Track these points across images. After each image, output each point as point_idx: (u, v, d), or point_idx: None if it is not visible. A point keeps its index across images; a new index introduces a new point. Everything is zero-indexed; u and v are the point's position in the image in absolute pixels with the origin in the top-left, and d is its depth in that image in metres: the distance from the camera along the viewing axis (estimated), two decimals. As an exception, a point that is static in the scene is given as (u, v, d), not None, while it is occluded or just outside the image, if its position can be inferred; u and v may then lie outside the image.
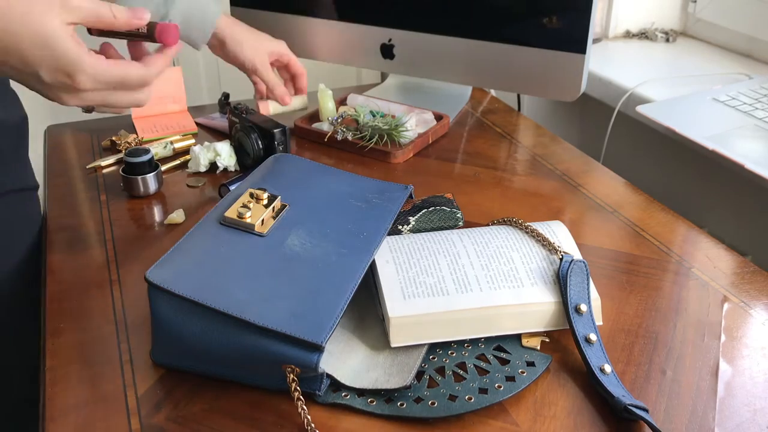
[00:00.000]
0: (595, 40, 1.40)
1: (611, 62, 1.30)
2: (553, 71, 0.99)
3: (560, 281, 0.65)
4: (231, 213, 0.67)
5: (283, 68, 1.06)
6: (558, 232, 0.73)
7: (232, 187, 0.87)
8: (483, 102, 1.22)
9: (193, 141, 1.04)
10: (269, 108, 1.08)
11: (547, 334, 0.66)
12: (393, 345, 0.62)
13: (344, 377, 0.60)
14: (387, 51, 1.12)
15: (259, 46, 1.02)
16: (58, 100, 0.59)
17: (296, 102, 1.12)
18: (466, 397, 0.58)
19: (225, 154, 0.96)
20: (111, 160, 1.00)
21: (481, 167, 0.98)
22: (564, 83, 0.98)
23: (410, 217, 0.77)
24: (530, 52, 1.00)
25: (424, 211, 0.78)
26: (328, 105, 1.08)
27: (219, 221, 0.68)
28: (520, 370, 0.61)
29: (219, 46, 1.04)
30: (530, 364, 0.62)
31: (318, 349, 0.56)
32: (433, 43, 1.07)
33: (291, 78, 1.08)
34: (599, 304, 0.66)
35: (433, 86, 1.20)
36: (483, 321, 0.64)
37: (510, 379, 0.60)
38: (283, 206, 0.71)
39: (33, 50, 0.55)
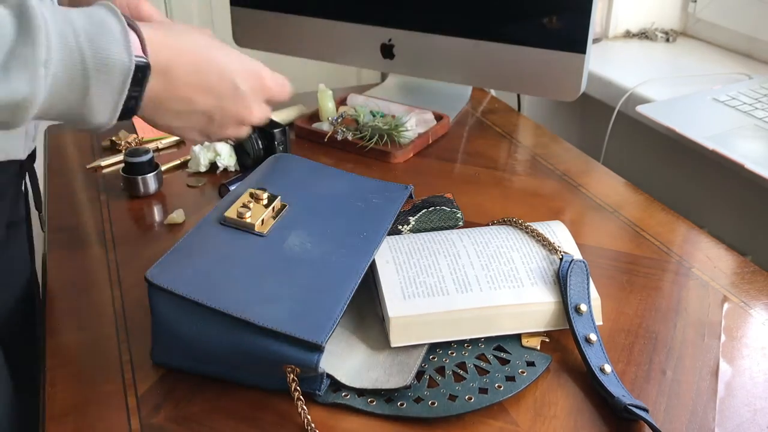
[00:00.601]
0: (595, 40, 1.40)
1: (611, 62, 1.29)
2: (553, 71, 0.98)
3: (560, 281, 0.65)
4: (231, 213, 0.67)
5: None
6: (558, 232, 0.72)
7: (232, 187, 0.87)
8: (483, 102, 1.22)
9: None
10: None
11: (547, 334, 0.66)
12: (393, 345, 0.62)
13: (344, 377, 0.60)
14: (387, 51, 1.12)
15: None
16: (234, 120, 0.61)
17: (292, 111, 1.13)
18: (466, 397, 0.58)
19: (225, 154, 0.96)
20: (111, 160, 1.00)
21: (481, 167, 0.98)
22: (564, 83, 0.98)
23: (410, 217, 0.77)
24: (530, 52, 1.00)
25: (424, 211, 0.78)
26: (328, 105, 1.08)
27: (219, 221, 0.68)
28: (520, 370, 0.61)
29: None
30: (530, 364, 0.62)
31: (318, 349, 0.56)
32: (433, 43, 1.07)
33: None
34: (599, 304, 0.66)
35: (433, 86, 1.20)
36: (483, 321, 0.64)
37: (510, 379, 0.60)
38: (283, 206, 0.71)
39: (226, 57, 0.58)
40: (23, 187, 0.82)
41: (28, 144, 0.74)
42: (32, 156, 0.79)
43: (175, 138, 1.07)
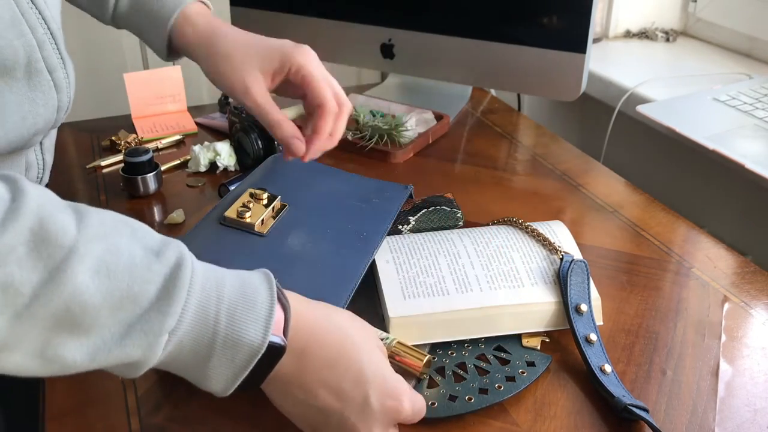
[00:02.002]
0: (595, 40, 1.40)
1: (611, 62, 1.29)
2: (553, 71, 0.98)
3: (560, 281, 0.65)
4: (231, 213, 0.67)
5: (296, 86, 0.68)
6: (558, 232, 0.72)
7: (231, 187, 0.87)
8: (483, 102, 1.22)
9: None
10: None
11: (547, 334, 0.66)
12: (393, 345, 0.62)
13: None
14: (387, 51, 1.12)
15: (248, 56, 0.65)
16: None
17: (292, 111, 1.13)
18: (466, 397, 0.58)
19: (225, 154, 0.96)
20: (111, 160, 1.00)
21: (481, 167, 0.98)
22: (564, 83, 0.98)
23: (410, 217, 0.77)
24: (530, 51, 1.00)
25: (424, 210, 0.78)
26: (328, 105, 1.08)
27: (219, 221, 0.68)
28: (520, 370, 0.61)
29: (197, 56, 0.70)
30: (530, 364, 0.62)
31: (318, 349, 0.56)
32: (433, 43, 1.07)
33: (310, 109, 0.68)
34: (599, 304, 0.66)
35: (433, 86, 1.20)
36: (483, 321, 0.64)
37: (510, 379, 0.60)
38: (283, 206, 0.71)
39: (369, 366, 0.51)
40: None
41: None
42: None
43: (175, 138, 1.07)
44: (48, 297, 0.39)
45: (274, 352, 0.47)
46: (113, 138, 1.05)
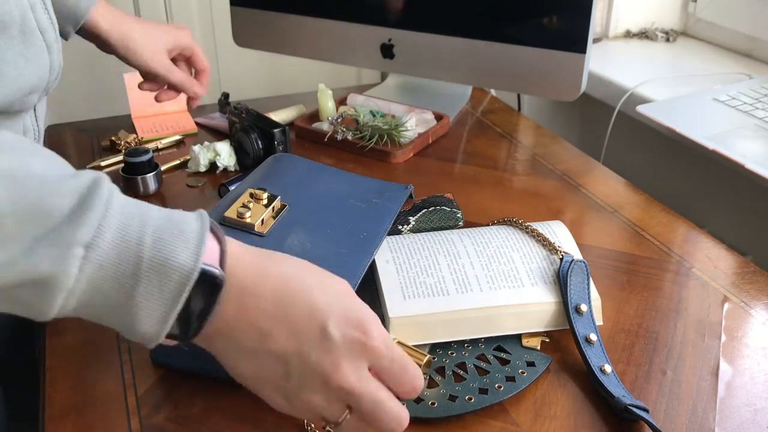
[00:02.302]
0: (595, 40, 1.40)
1: (611, 62, 1.29)
2: (553, 71, 0.98)
3: (560, 281, 0.65)
4: (231, 213, 0.67)
5: (184, 62, 0.94)
6: (558, 232, 0.72)
7: (232, 187, 0.87)
8: (483, 102, 1.22)
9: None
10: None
11: (547, 334, 0.66)
12: (393, 345, 0.62)
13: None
14: (387, 51, 1.12)
15: (154, 44, 0.87)
16: (317, 379, 0.45)
17: (292, 111, 1.13)
18: (466, 397, 0.58)
19: (225, 154, 0.96)
20: (111, 160, 1.00)
21: (481, 167, 0.98)
22: (564, 83, 0.98)
23: (410, 217, 0.77)
24: (530, 52, 1.00)
25: (424, 211, 0.78)
26: (328, 105, 1.08)
27: (219, 221, 0.68)
28: (520, 370, 0.61)
29: (104, 44, 0.87)
30: (530, 364, 0.62)
31: (318, 349, 0.55)
32: (433, 43, 1.07)
33: (194, 74, 0.95)
34: (599, 304, 0.66)
35: (433, 86, 1.20)
36: (483, 321, 0.64)
37: (510, 379, 0.60)
38: (283, 206, 0.71)
39: (323, 297, 0.46)
40: None
41: None
42: None
43: (175, 138, 1.07)
44: None
45: (209, 282, 0.43)
46: (113, 138, 1.05)
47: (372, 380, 0.46)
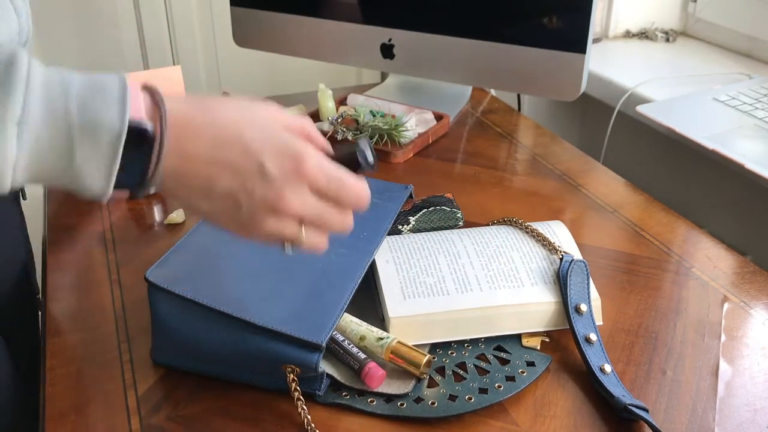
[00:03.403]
0: (595, 40, 1.40)
1: (611, 62, 1.29)
2: (553, 71, 0.98)
3: (560, 281, 0.65)
4: (231, 213, 0.67)
5: None
6: (558, 232, 0.73)
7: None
8: (483, 102, 1.22)
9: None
10: None
11: (547, 334, 0.66)
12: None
13: (344, 377, 0.60)
14: (387, 51, 1.12)
15: None
16: (264, 207, 0.50)
17: (292, 111, 1.13)
18: (466, 397, 0.58)
19: (225, 154, 0.96)
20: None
21: (481, 167, 0.98)
22: (564, 83, 0.98)
23: (410, 217, 0.77)
24: (530, 52, 1.00)
25: (424, 210, 0.78)
26: (328, 105, 1.08)
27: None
28: (520, 370, 0.61)
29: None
30: (530, 364, 0.62)
31: (318, 348, 0.56)
32: (433, 43, 1.07)
33: None
34: (599, 304, 0.66)
35: (433, 86, 1.20)
36: (483, 321, 0.64)
37: (510, 379, 0.60)
38: (283, 206, 0.71)
39: (254, 134, 0.49)
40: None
41: None
42: None
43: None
44: None
45: (140, 135, 0.46)
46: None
47: (313, 199, 0.51)
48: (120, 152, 0.45)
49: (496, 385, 0.59)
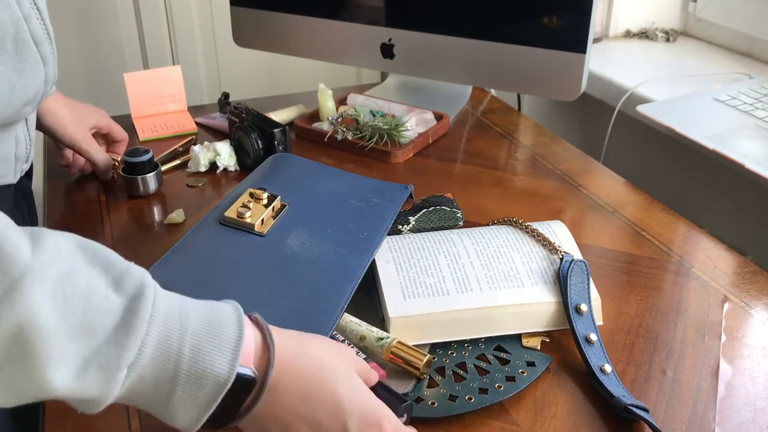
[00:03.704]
0: (596, 40, 1.40)
1: (611, 62, 1.29)
2: (554, 71, 0.98)
3: (560, 281, 0.65)
4: (231, 213, 0.67)
5: (101, 137, 0.97)
6: (558, 232, 0.72)
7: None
8: (483, 102, 1.22)
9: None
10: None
11: (547, 334, 0.66)
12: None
13: (344, 377, 0.60)
14: (387, 51, 1.12)
15: (81, 123, 0.91)
16: None
17: (292, 111, 1.13)
18: (466, 397, 0.58)
19: (225, 154, 0.96)
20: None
21: (481, 167, 0.98)
22: (564, 83, 0.98)
23: (410, 217, 0.77)
24: (530, 51, 1.00)
25: (424, 210, 0.78)
26: (328, 105, 1.08)
27: (219, 221, 0.68)
28: (520, 370, 0.61)
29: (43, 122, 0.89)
30: (530, 364, 0.62)
31: (318, 349, 0.56)
32: (433, 42, 1.07)
33: (109, 144, 0.99)
34: (599, 304, 0.66)
35: (433, 86, 1.20)
36: (483, 321, 0.64)
37: (510, 379, 0.60)
38: (283, 206, 0.71)
39: (346, 393, 0.49)
40: (24, 209, 0.81)
41: (20, 167, 0.71)
42: (28, 174, 0.79)
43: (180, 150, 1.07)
44: (1, 317, 0.37)
45: (243, 385, 0.45)
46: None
47: None
48: (219, 400, 0.44)
49: (496, 385, 0.59)
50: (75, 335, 0.40)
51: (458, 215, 0.79)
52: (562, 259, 0.67)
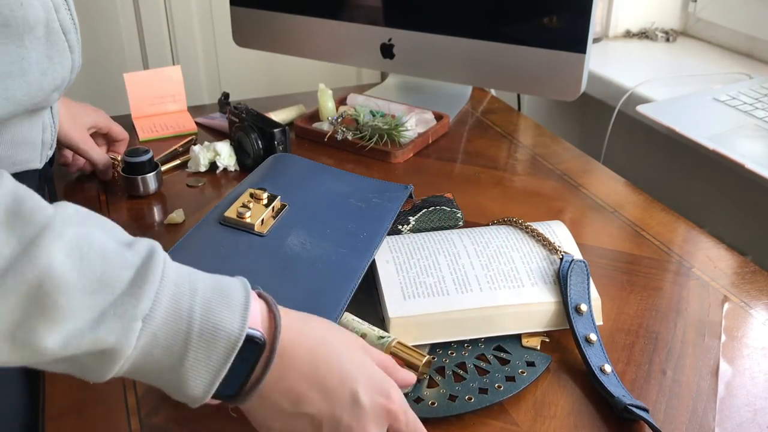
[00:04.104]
0: (596, 40, 1.40)
1: (611, 62, 1.29)
2: (553, 71, 0.98)
3: (560, 281, 0.65)
4: (231, 213, 0.67)
5: (101, 137, 0.98)
6: (558, 232, 0.72)
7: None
8: (483, 102, 1.22)
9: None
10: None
11: (547, 334, 0.66)
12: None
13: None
14: (387, 51, 1.12)
15: (78, 122, 0.92)
16: None
17: (292, 111, 1.13)
18: (466, 397, 0.58)
19: (225, 154, 0.96)
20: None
21: (481, 167, 0.98)
22: (564, 83, 0.98)
23: (410, 217, 0.77)
24: (530, 51, 1.00)
25: (424, 210, 0.78)
26: (328, 105, 1.08)
27: (219, 221, 0.68)
28: (520, 370, 0.61)
29: None
30: (530, 364, 0.62)
31: (318, 349, 0.56)
32: (433, 42, 1.07)
33: (110, 144, 1.00)
34: (599, 304, 0.66)
35: (433, 86, 1.20)
36: (483, 321, 0.64)
37: (510, 379, 0.60)
38: (283, 206, 0.71)
39: (352, 364, 0.50)
40: (46, 194, 0.82)
41: (45, 152, 0.73)
42: (51, 162, 0.80)
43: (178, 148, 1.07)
44: (20, 270, 0.40)
45: (253, 347, 0.46)
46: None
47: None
48: (231, 360, 0.45)
49: (496, 385, 0.59)
50: (93, 289, 0.42)
51: (458, 215, 0.79)
52: (562, 259, 0.67)
